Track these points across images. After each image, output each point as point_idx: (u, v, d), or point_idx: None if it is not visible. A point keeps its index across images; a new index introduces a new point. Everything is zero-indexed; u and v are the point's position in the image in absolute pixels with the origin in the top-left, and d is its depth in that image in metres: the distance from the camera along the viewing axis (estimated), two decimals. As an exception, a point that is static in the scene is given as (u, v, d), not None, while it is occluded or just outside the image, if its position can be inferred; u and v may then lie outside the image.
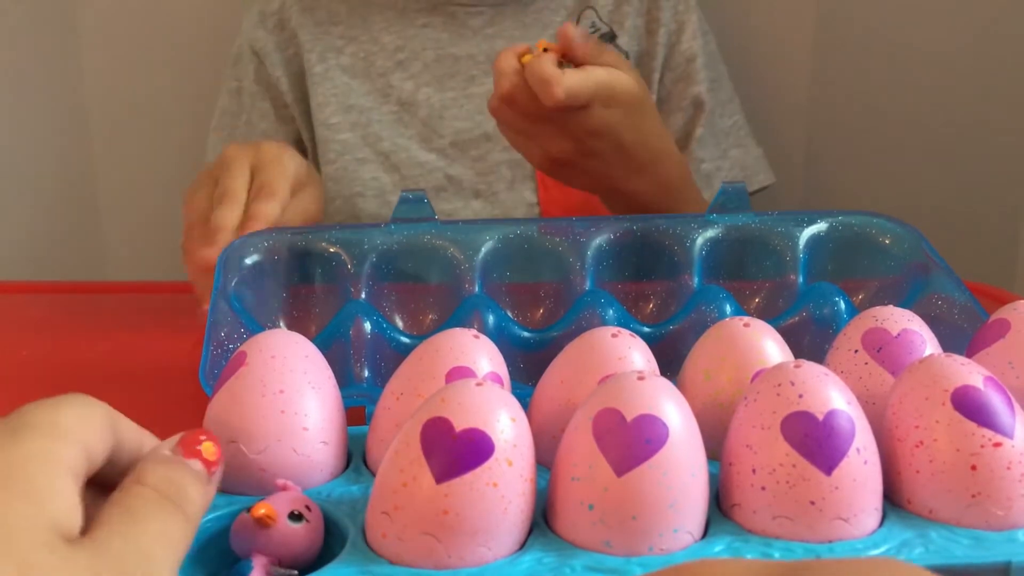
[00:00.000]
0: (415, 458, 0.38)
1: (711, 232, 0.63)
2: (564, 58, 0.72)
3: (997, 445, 0.40)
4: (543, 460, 0.41)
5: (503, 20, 1.01)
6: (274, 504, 0.39)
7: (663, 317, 0.62)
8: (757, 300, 0.64)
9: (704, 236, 0.63)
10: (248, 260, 0.61)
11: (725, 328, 0.49)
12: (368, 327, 0.58)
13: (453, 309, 0.60)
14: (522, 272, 0.63)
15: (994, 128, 1.13)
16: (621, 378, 0.40)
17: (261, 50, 1.02)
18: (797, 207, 1.17)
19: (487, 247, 0.62)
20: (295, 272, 0.62)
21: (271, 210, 0.67)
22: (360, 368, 0.57)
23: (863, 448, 0.40)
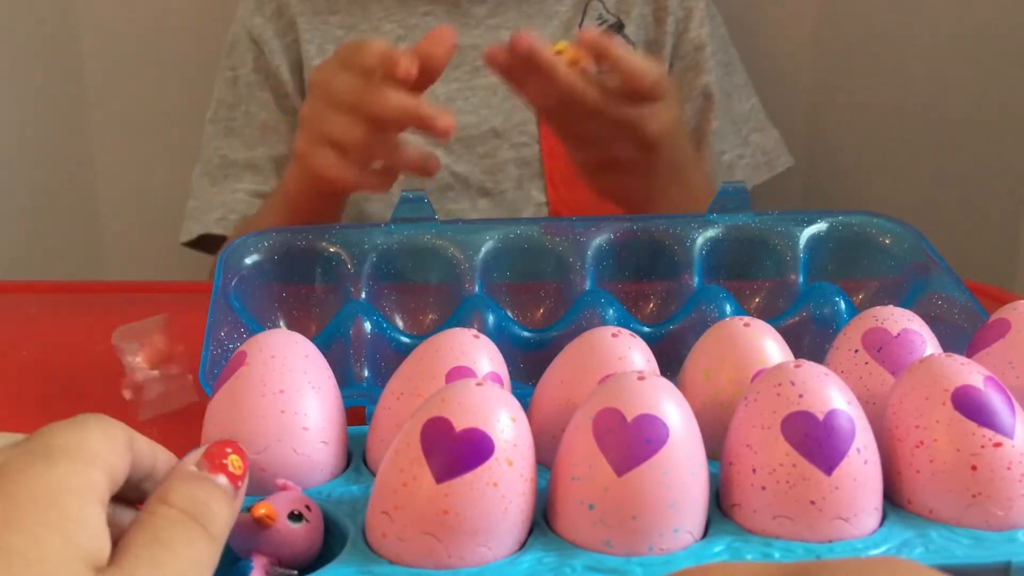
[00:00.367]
0: (415, 458, 0.38)
1: (711, 232, 0.63)
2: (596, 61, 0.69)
3: (997, 445, 0.40)
4: (543, 460, 0.41)
5: (507, 10, 0.98)
6: (274, 504, 0.38)
7: (663, 317, 0.62)
8: (757, 300, 0.64)
9: (704, 236, 0.63)
10: (248, 260, 0.61)
11: (725, 328, 0.49)
12: (368, 327, 0.58)
13: (453, 309, 0.60)
14: (522, 272, 0.63)
15: (995, 128, 1.13)
16: (621, 378, 0.40)
17: (259, 37, 0.99)
18: (797, 207, 1.17)
19: (487, 247, 0.62)
20: (295, 272, 0.62)
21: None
22: (360, 368, 0.57)
23: (863, 448, 0.40)
